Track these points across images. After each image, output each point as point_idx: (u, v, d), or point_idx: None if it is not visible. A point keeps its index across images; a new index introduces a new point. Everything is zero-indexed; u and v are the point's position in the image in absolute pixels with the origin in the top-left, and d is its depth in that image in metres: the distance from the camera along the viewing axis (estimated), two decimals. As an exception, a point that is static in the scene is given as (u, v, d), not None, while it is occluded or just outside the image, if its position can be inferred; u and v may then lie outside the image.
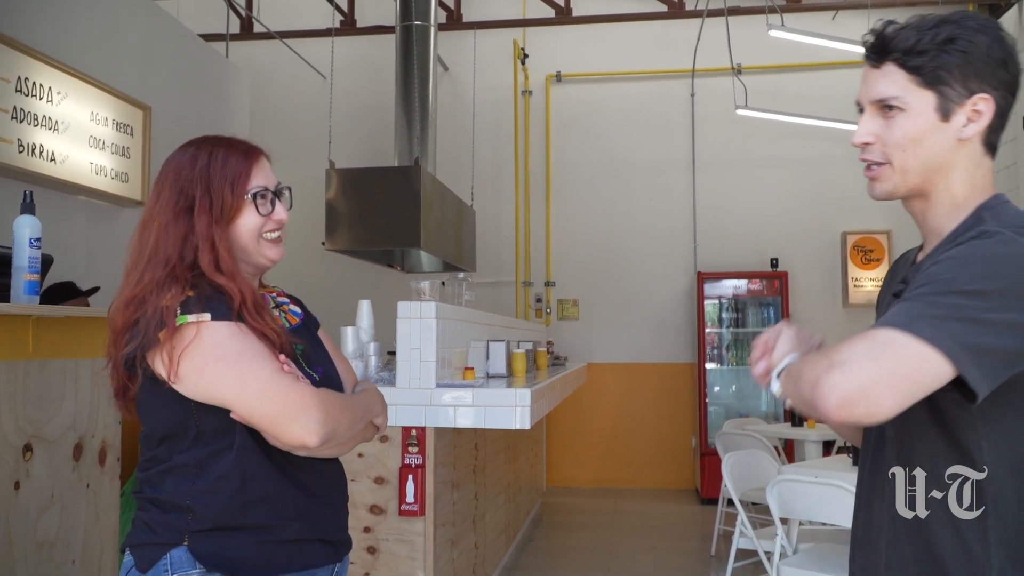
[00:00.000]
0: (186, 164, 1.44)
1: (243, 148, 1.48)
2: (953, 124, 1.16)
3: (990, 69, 1.15)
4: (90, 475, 2.49)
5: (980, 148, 1.19)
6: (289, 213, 1.51)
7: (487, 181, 7.52)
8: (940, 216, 1.20)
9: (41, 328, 2.28)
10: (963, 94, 1.15)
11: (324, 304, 7.97)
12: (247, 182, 1.44)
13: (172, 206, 1.41)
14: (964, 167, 1.18)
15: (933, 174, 1.18)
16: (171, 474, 1.36)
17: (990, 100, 1.15)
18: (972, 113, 1.16)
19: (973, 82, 1.14)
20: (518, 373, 3.85)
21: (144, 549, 1.36)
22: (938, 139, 1.16)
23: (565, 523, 6.01)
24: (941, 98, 1.15)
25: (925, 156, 1.17)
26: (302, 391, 1.33)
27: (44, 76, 4.04)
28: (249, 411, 1.32)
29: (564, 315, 7.56)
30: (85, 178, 4.34)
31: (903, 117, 1.17)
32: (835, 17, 6.74)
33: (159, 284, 1.36)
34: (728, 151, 7.39)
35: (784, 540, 3.12)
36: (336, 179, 5.01)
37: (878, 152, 1.19)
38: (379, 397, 1.59)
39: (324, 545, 1.44)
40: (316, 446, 1.32)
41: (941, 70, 1.14)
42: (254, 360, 1.32)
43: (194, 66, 5.62)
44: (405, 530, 2.97)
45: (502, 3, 7.62)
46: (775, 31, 5.43)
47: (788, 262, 7.05)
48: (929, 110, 1.16)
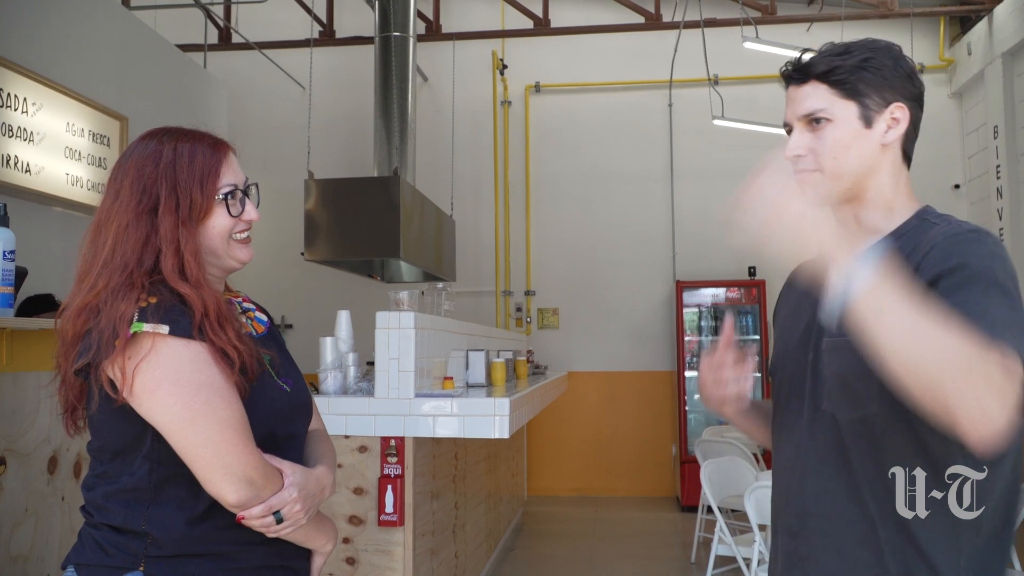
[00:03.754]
0: (148, 160, 1.31)
1: (209, 142, 1.36)
2: (875, 130, 1.27)
3: (900, 82, 1.28)
4: (65, 488, 2.47)
5: (899, 155, 1.31)
6: (257, 214, 1.40)
7: (467, 191, 7.54)
8: (875, 217, 1.30)
9: (15, 341, 2.26)
10: (881, 103, 1.27)
11: (303, 314, 7.97)
12: (217, 180, 1.33)
13: (134, 206, 1.29)
14: (889, 171, 1.30)
15: (863, 178, 1.28)
16: (119, 497, 1.26)
17: (905, 109, 1.28)
18: (891, 120, 1.27)
19: (888, 93, 1.27)
20: (498, 382, 3.86)
21: (93, 570, 1.26)
22: (864, 144, 1.27)
23: (546, 532, 6.01)
24: (862, 108, 1.27)
25: (854, 161, 1.27)
26: (247, 452, 1.23)
27: (19, 87, 4.01)
28: (185, 448, 1.21)
29: (544, 324, 7.58)
30: (61, 189, 4.31)
31: (831, 127, 1.27)
32: (809, 29, 6.83)
33: (114, 291, 1.24)
34: (705, 161, 7.46)
35: (762, 547, 3.14)
36: (315, 189, 5.01)
37: (811, 162, 1.29)
38: (330, 478, 1.42)
39: (287, 572, 1.36)
40: (233, 505, 1.23)
41: (860, 83, 1.26)
42: (211, 399, 1.21)
43: (172, 77, 5.60)
44: (385, 540, 2.96)
45: (481, 14, 7.66)
46: (750, 43, 5.50)
47: (766, 270, 7.11)
48: (853, 119, 1.27)
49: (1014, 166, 6.24)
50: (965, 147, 7.19)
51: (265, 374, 1.35)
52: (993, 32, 6.46)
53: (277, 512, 1.27)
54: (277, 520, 1.27)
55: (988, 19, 6.54)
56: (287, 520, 1.28)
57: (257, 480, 1.24)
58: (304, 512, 1.31)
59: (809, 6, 7.31)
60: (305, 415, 1.48)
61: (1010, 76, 6.30)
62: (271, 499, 1.26)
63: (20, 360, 2.28)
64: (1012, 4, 6.15)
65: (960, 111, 7.27)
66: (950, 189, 7.20)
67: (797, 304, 1.38)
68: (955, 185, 7.21)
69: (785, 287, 1.50)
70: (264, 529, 1.27)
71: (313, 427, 1.52)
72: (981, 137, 6.80)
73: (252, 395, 1.30)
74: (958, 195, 7.18)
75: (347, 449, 2.97)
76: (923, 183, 7.07)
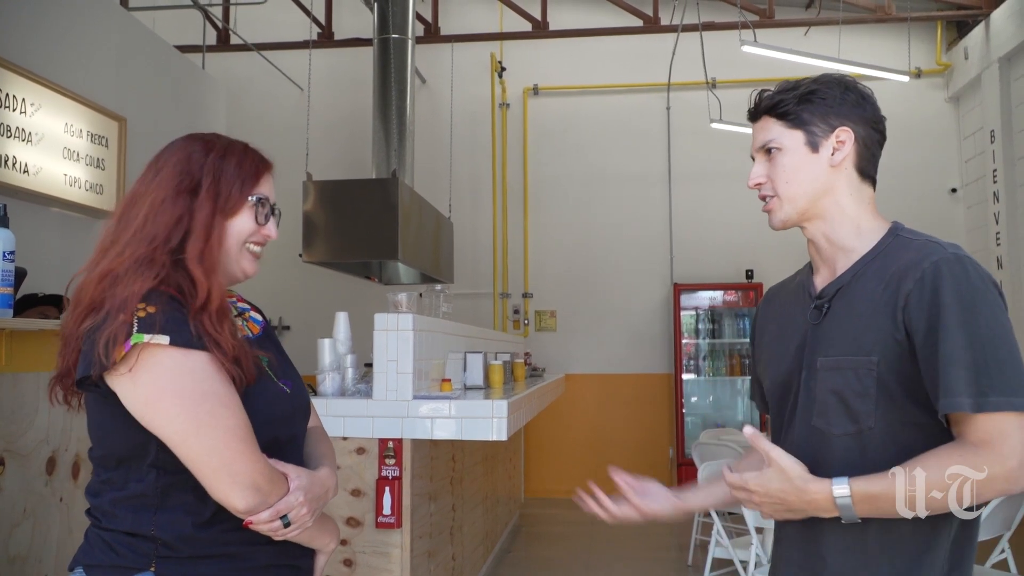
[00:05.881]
0: (198, 150, 1.36)
1: (259, 156, 1.44)
2: (822, 154, 1.39)
3: (847, 108, 1.38)
4: (63, 489, 2.46)
5: (855, 175, 1.40)
6: (276, 234, 1.45)
7: (465, 193, 7.54)
8: (845, 235, 1.40)
9: (14, 341, 2.26)
10: (826, 129, 1.38)
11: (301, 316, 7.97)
12: (255, 185, 1.39)
13: (174, 185, 1.32)
14: (845, 190, 1.39)
15: (819, 198, 1.39)
16: (127, 504, 1.26)
17: (849, 131, 1.38)
18: (836, 143, 1.38)
19: (833, 119, 1.38)
20: (495, 385, 3.87)
21: (103, 571, 1.26)
22: (813, 167, 1.39)
23: (543, 534, 6.01)
24: (808, 135, 1.39)
25: (806, 183, 1.39)
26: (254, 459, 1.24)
27: (18, 87, 4.01)
28: (190, 457, 1.22)
29: (542, 326, 7.58)
30: (59, 190, 4.30)
31: (781, 155, 1.40)
32: (807, 33, 6.85)
33: (137, 262, 1.26)
34: (703, 164, 7.48)
35: (759, 549, 3.15)
36: (314, 191, 5.01)
37: (770, 188, 1.43)
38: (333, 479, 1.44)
39: (293, 570, 1.39)
40: (241, 512, 1.24)
41: (804, 113, 1.39)
42: (214, 408, 1.21)
43: (170, 78, 5.60)
44: (382, 542, 2.96)
45: (480, 16, 7.67)
46: (748, 46, 5.52)
47: (763, 273, 7.12)
48: (800, 145, 1.39)
49: (1010, 170, 6.26)
50: (962, 151, 7.21)
51: (264, 377, 1.35)
52: (990, 37, 6.48)
53: (284, 516, 1.28)
54: (284, 524, 1.28)
55: (985, 24, 6.56)
56: (294, 523, 1.29)
57: (264, 486, 1.25)
58: (310, 515, 1.32)
59: (807, 10, 7.33)
60: (305, 416, 1.49)
61: (1007, 80, 6.32)
62: (278, 504, 1.27)
63: (19, 361, 2.28)
64: (1009, 9, 6.17)
65: (957, 115, 7.29)
66: (947, 193, 7.23)
67: (780, 329, 1.48)
68: (952, 189, 7.23)
69: (762, 310, 1.59)
70: (271, 533, 1.28)
71: (311, 424, 1.53)
72: (978, 141, 6.82)
73: (253, 399, 1.30)
74: (955, 199, 7.20)
75: (345, 451, 2.97)
76: (920, 187, 7.10)
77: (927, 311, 1.24)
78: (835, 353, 1.33)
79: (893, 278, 1.29)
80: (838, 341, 1.33)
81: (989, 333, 1.21)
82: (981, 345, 1.20)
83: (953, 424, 1.24)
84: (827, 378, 1.33)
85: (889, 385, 1.27)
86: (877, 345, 1.28)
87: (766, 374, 1.50)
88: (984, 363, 1.19)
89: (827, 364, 1.33)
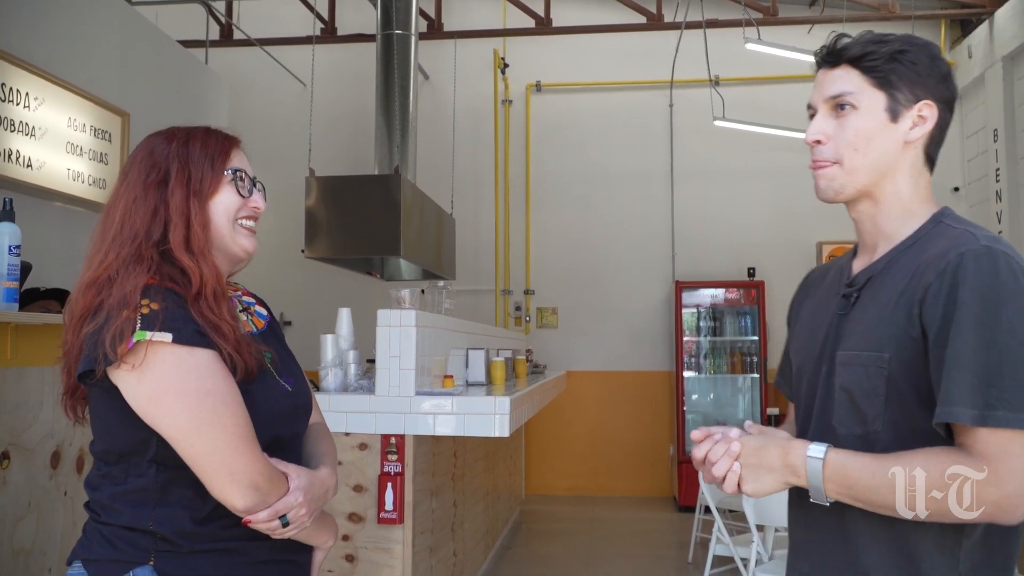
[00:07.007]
0: (160, 143, 1.35)
1: (223, 134, 1.40)
2: (900, 126, 1.23)
3: (933, 81, 1.24)
4: (68, 483, 2.47)
5: (922, 156, 1.26)
6: (265, 205, 1.42)
7: (467, 190, 7.54)
8: (892, 219, 1.26)
9: (19, 335, 2.27)
10: (910, 99, 1.23)
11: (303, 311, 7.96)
12: (227, 160, 1.36)
13: (141, 181, 1.32)
14: (908, 172, 1.25)
15: (881, 176, 1.25)
16: (126, 498, 1.26)
17: (934, 107, 1.24)
18: (917, 118, 1.24)
19: (919, 89, 1.23)
20: (497, 381, 3.87)
21: (102, 565, 1.25)
22: (887, 139, 1.23)
23: (543, 531, 6.02)
24: (891, 100, 1.23)
25: (874, 156, 1.24)
26: (254, 458, 1.24)
27: (21, 81, 4.01)
28: (191, 455, 1.21)
29: (543, 323, 7.58)
30: (62, 184, 4.31)
31: (855, 115, 1.24)
32: (811, 31, 6.84)
33: (124, 263, 1.25)
34: (706, 161, 7.47)
35: (760, 547, 3.16)
36: (316, 187, 5.01)
37: (830, 151, 1.26)
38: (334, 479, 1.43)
39: (291, 566, 1.39)
40: (240, 511, 1.24)
41: (892, 74, 1.22)
42: (216, 407, 1.20)
43: (173, 72, 5.60)
44: (384, 538, 2.97)
45: (483, 13, 7.66)
46: (751, 44, 5.51)
47: (765, 271, 7.12)
48: (880, 110, 1.23)
49: (1013, 169, 6.26)
50: (965, 150, 7.20)
51: (267, 374, 1.35)
52: (994, 35, 6.47)
53: (283, 516, 1.28)
54: (283, 524, 1.28)
55: (989, 22, 6.55)
56: (292, 523, 1.29)
57: (263, 486, 1.25)
58: (309, 515, 1.32)
59: (811, 8, 7.32)
60: (307, 414, 1.48)
61: (1010, 79, 6.32)
62: (277, 504, 1.27)
63: (24, 355, 2.29)
64: (1013, 7, 6.16)
65: (960, 114, 7.28)
66: (949, 192, 7.22)
67: (812, 316, 1.36)
68: (954, 188, 7.22)
69: (801, 291, 1.47)
70: (270, 531, 1.28)
71: (313, 420, 1.52)
72: (981, 140, 6.82)
73: (255, 396, 1.29)
74: (957, 198, 7.20)
75: (347, 446, 2.98)
76: (922, 186, 7.09)
77: (943, 307, 1.11)
78: (851, 347, 1.21)
79: (920, 269, 1.17)
80: (857, 334, 1.22)
81: (1010, 338, 1.06)
82: (998, 350, 1.06)
83: (955, 434, 1.12)
84: (841, 373, 1.22)
85: (900, 386, 1.16)
86: (892, 341, 1.16)
87: (795, 361, 1.39)
88: (997, 371, 1.06)
89: (843, 359, 1.22)
